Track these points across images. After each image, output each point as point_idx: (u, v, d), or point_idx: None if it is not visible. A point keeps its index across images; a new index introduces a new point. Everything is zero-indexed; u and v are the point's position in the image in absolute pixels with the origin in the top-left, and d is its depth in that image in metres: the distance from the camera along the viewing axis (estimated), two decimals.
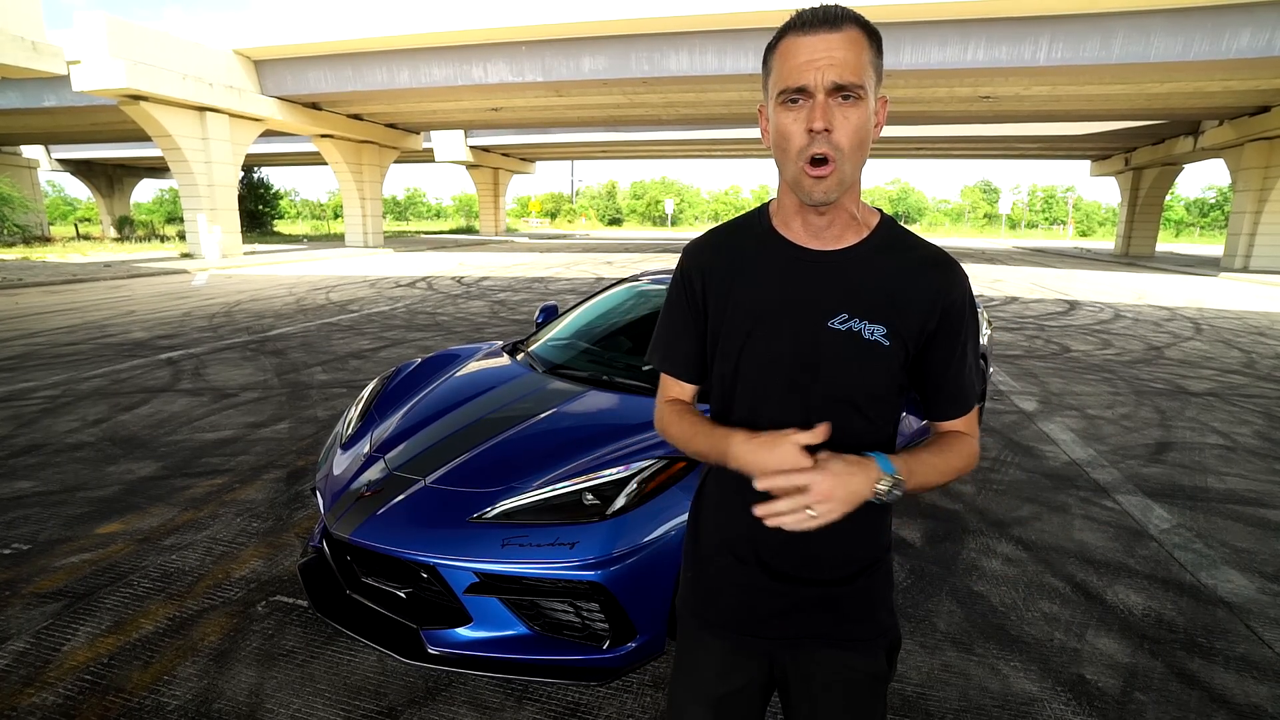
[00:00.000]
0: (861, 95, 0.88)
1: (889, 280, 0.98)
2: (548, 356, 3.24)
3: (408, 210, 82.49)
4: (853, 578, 1.04)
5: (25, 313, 9.58)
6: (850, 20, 0.88)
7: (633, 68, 17.04)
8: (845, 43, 0.87)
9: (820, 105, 0.87)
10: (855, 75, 0.87)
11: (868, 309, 0.97)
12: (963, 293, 1.00)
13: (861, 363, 0.97)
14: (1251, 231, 20.76)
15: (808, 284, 0.99)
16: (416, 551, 2.03)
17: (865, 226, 1.01)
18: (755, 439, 0.92)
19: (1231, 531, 3.20)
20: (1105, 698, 2.05)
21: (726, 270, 1.04)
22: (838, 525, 0.91)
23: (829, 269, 0.99)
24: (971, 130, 27.84)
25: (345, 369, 6.21)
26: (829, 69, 0.86)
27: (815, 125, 0.87)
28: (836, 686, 1.05)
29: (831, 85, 0.86)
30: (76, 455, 3.95)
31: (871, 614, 1.06)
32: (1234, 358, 7.48)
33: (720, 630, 1.09)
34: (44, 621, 2.34)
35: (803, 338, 0.98)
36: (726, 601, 1.08)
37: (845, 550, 1.03)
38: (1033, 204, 72.67)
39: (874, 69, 0.90)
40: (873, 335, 0.96)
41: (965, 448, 1.04)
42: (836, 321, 0.97)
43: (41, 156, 35.58)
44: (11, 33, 12.16)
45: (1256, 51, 13.36)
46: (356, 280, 14.57)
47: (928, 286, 0.98)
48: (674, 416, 1.09)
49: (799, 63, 0.87)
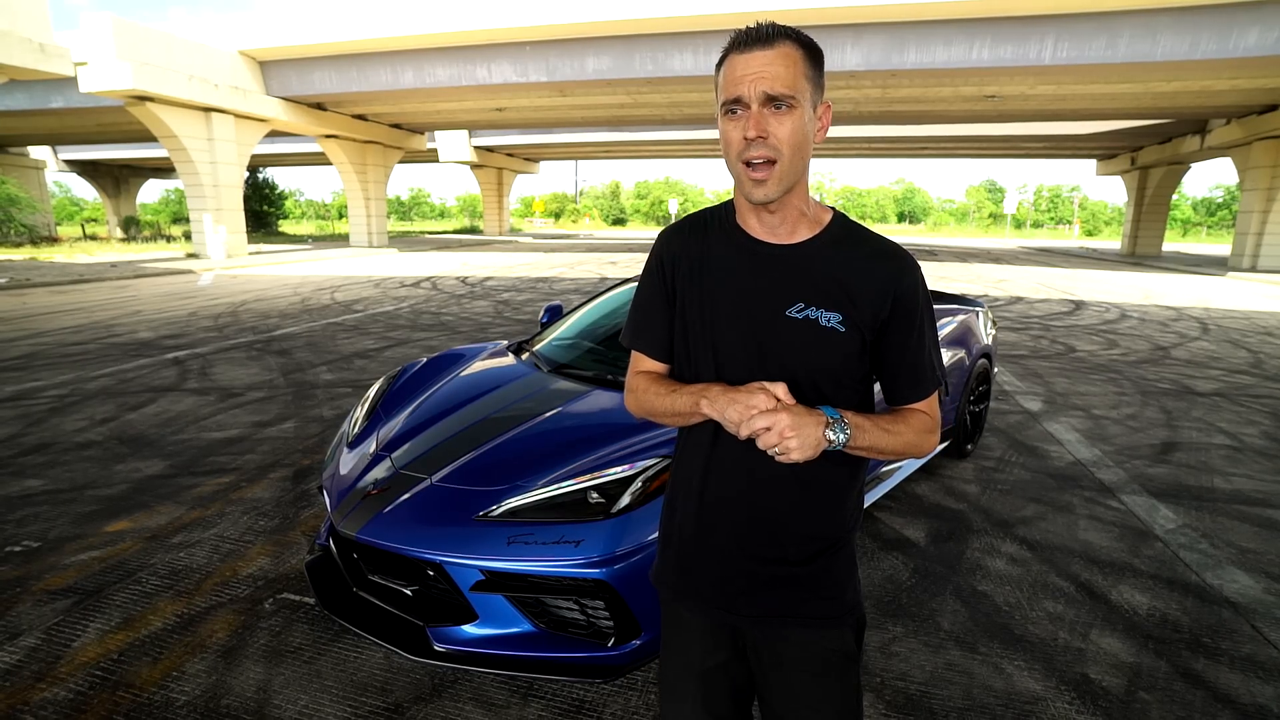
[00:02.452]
0: (794, 104, 0.96)
1: (842, 271, 1.05)
2: (552, 356, 3.25)
3: (412, 210, 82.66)
4: (814, 557, 1.09)
5: (33, 313, 9.64)
6: (784, 37, 0.97)
7: (637, 68, 17.04)
8: (778, 58, 0.95)
9: (754, 115, 0.96)
10: (786, 86, 0.95)
11: (823, 298, 1.03)
12: (914, 281, 1.06)
13: (820, 348, 1.03)
14: (1259, 231, 20.63)
15: (766, 275, 1.06)
16: (422, 549, 2.04)
17: (818, 223, 1.09)
18: (729, 389, 1.00)
19: (1238, 532, 3.19)
20: (1109, 697, 2.05)
21: (694, 258, 1.11)
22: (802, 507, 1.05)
23: (785, 261, 1.06)
24: (976, 130, 27.75)
25: (350, 368, 6.24)
26: (760, 81, 0.95)
27: (748, 134, 0.96)
28: (807, 663, 1.10)
29: (763, 96, 0.95)
30: (84, 454, 3.97)
31: (837, 593, 1.11)
32: (1241, 358, 7.45)
33: (694, 607, 1.16)
34: (54, 618, 2.37)
35: (763, 325, 1.05)
36: (698, 579, 1.14)
37: (808, 529, 1.09)
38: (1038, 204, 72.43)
39: (810, 80, 0.98)
40: (829, 322, 1.03)
41: (918, 421, 1.09)
42: (794, 310, 1.04)
43: (48, 157, 35.74)
44: (19, 34, 12.24)
45: (1264, 50, 13.28)
46: (361, 280, 14.61)
47: (879, 277, 1.04)
48: (648, 382, 1.16)
49: (735, 77, 0.97)
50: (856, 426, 1.00)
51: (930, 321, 1.09)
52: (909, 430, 1.07)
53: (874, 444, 1.03)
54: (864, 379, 1.10)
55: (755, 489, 1.08)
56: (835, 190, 79.05)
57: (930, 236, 51.93)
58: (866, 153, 37.36)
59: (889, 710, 1.99)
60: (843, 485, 1.11)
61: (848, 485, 1.12)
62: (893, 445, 1.05)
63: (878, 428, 1.03)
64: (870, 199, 78.09)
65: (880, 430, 1.03)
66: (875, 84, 17.42)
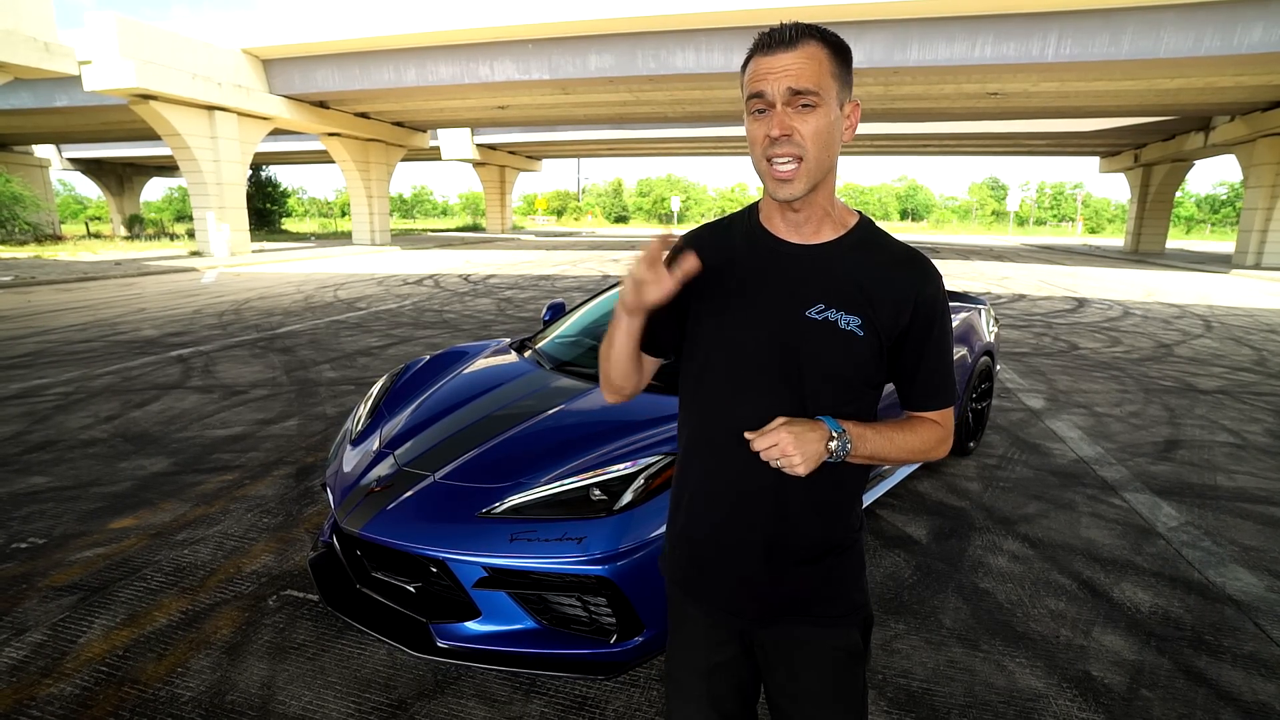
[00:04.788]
0: (818, 101, 0.95)
1: (864, 275, 1.04)
2: (555, 353, 3.26)
3: (414, 208, 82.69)
4: (822, 556, 1.09)
5: (38, 311, 9.67)
6: (807, 37, 0.96)
7: (639, 65, 17.02)
8: (802, 58, 0.94)
9: (779, 114, 0.95)
10: (810, 82, 0.94)
11: (843, 300, 1.03)
12: (936, 289, 1.05)
13: (837, 350, 1.02)
14: (1264, 228, 20.54)
15: (788, 274, 1.06)
16: (426, 546, 2.05)
17: (843, 225, 1.08)
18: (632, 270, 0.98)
19: (1240, 529, 3.19)
20: (1111, 694, 2.05)
21: (715, 259, 1.11)
22: (808, 504, 1.06)
23: (808, 261, 1.06)
24: (979, 127, 27.67)
25: (353, 366, 6.25)
26: (784, 78, 0.94)
27: (772, 132, 0.96)
28: (815, 662, 1.10)
29: (788, 92, 0.94)
30: (90, 451, 3.99)
31: (844, 593, 1.11)
32: (1245, 355, 7.43)
33: (701, 605, 1.16)
34: (60, 614, 2.38)
35: (782, 324, 1.04)
36: (705, 578, 1.15)
37: (816, 530, 1.09)
38: (1041, 201, 72.19)
39: (836, 78, 0.97)
40: (848, 325, 1.02)
41: (928, 431, 1.09)
42: (814, 311, 1.03)
43: (53, 156, 35.79)
44: (24, 33, 12.27)
45: (1269, 46, 13.21)
46: (364, 278, 14.63)
47: (901, 283, 1.04)
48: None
49: (760, 75, 0.96)
50: (858, 437, 1.00)
51: (948, 331, 1.08)
52: (915, 439, 1.07)
53: (875, 452, 1.03)
54: (877, 384, 1.09)
55: (761, 490, 1.07)
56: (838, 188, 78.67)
57: (933, 234, 51.81)
58: (869, 150, 37.26)
59: (891, 707, 1.99)
60: (851, 486, 1.11)
61: (856, 486, 1.12)
62: (895, 454, 1.05)
63: (881, 436, 1.03)
64: (873, 196, 77.93)
65: (884, 439, 1.03)
66: (878, 81, 17.37)
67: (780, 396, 1.04)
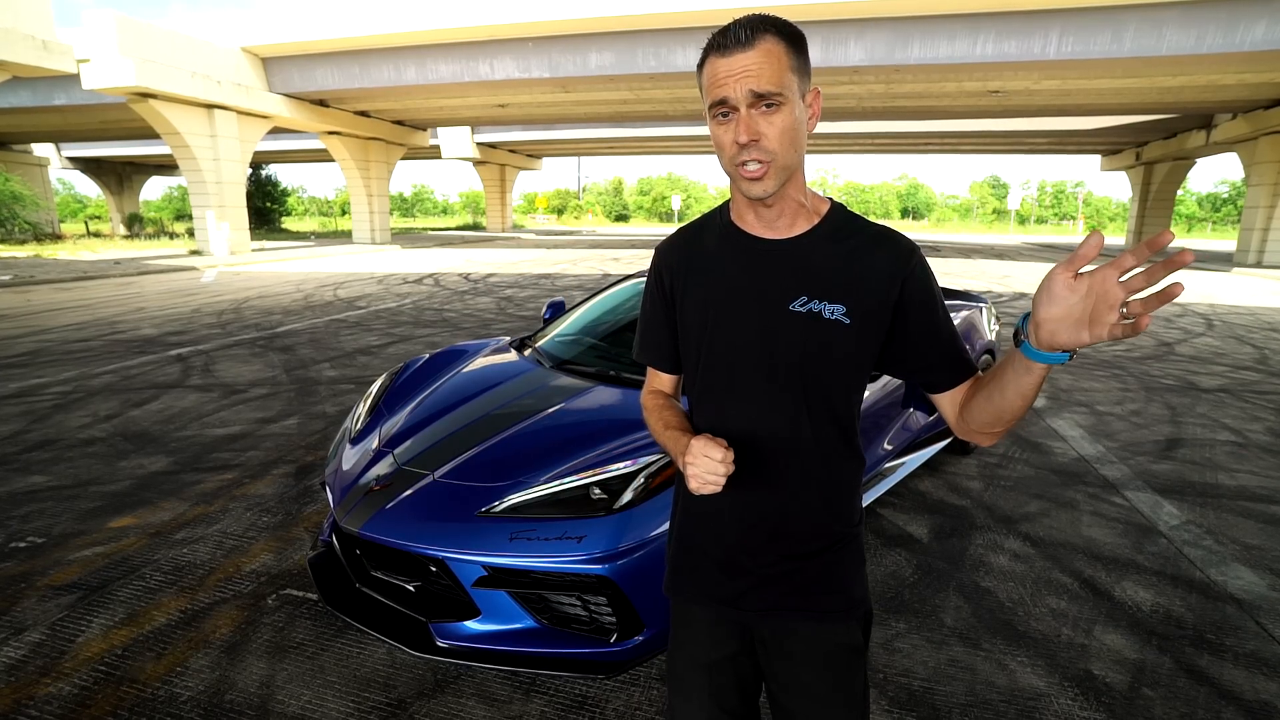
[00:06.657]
0: (782, 100, 0.93)
1: (843, 261, 1.03)
2: (554, 352, 3.25)
3: (415, 207, 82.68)
4: (821, 551, 1.10)
5: (37, 310, 9.67)
6: (762, 31, 0.93)
7: (640, 63, 16.99)
8: (760, 57, 0.92)
9: (744, 119, 0.94)
10: (772, 84, 0.92)
11: (825, 290, 1.02)
12: (918, 261, 1.05)
13: (824, 341, 1.02)
14: (1265, 227, 20.51)
15: (767, 270, 1.05)
16: (425, 545, 2.05)
17: (816, 214, 1.07)
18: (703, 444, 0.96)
19: (1242, 528, 3.18)
20: (1113, 693, 2.05)
21: (692, 265, 1.12)
22: (808, 501, 1.07)
23: (785, 255, 1.05)
24: (980, 125, 27.63)
25: (353, 365, 6.24)
26: (745, 79, 0.92)
27: (740, 139, 0.94)
28: (815, 657, 1.10)
29: (750, 95, 0.92)
30: (89, 450, 3.99)
31: (843, 587, 1.11)
32: (1246, 354, 7.42)
33: (701, 600, 1.16)
34: (59, 613, 2.38)
35: (766, 321, 1.04)
36: (705, 574, 1.15)
37: (815, 523, 1.09)
38: (1042, 199, 72.17)
39: (796, 71, 0.95)
40: (833, 315, 1.02)
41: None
42: (797, 304, 1.03)
43: (52, 154, 35.76)
44: (22, 32, 12.25)
45: (1272, 43, 13.18)
46: (364, 277, 14.62)
47: (881, 262, 1.03)
48: (654, 405, 1.22)
49: (719, 79, 0.94)
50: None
51: (941, 298, 1.07)
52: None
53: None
54: (868, 370, 1.08)
55: (761, 486, 1.08)
56: (839, 187, 78.88)
57: (934, 232, 51.77)
58: (870, 148, 37.24)
59: (892, 706, 1.99)
60: (849, 480, 1.12)
61: (854, 479, 1.13)
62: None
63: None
64: (874, 195, 77.87)
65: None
66: (879, 79, 17.34)
67: (774, 392, 1.05)
